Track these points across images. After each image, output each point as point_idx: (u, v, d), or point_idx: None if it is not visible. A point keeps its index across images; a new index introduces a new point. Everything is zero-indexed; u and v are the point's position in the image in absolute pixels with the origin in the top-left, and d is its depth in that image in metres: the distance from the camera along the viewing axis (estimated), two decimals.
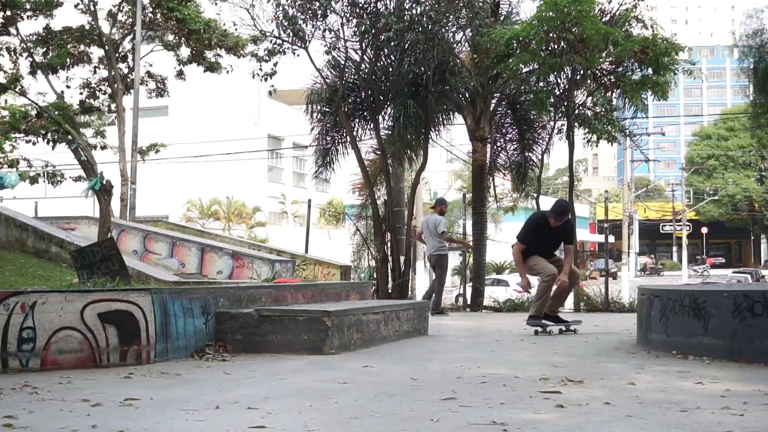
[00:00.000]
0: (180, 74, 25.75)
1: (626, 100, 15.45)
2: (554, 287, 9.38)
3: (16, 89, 24.97)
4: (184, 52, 25.32)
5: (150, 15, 24.27)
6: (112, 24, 25.16)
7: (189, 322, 6.89)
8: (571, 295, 16.76)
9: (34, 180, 27.37)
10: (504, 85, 16.43)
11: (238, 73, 24.50)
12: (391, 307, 8.73)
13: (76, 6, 24.74)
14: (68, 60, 24.60)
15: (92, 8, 24.68)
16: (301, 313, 7.28)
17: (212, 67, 25.13)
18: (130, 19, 25.08)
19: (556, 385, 5.27)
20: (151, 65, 26.21)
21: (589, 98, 16.07)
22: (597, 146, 17.06)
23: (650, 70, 14.73)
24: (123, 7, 24.93)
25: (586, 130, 16.28)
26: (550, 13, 13.78)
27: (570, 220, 9.61)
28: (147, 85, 26.31)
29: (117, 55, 25.09)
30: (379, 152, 15.53)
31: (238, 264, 15.14)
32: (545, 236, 9.34)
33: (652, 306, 7.29)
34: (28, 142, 25.74)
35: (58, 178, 27.54)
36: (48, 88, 25.66)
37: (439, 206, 14.06)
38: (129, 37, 25.44)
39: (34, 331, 5.95)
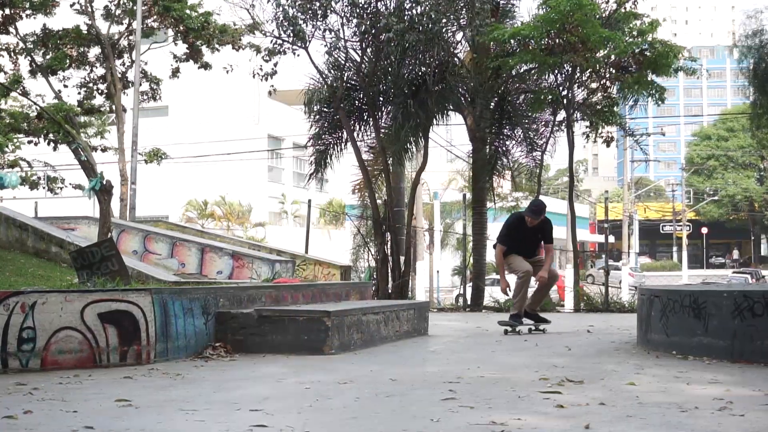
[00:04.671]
0: (176, 73, 25.54)
1: (626, 93, 15.44)
2: (530, 285, 9.52)
3: (18, 90, 24.93)
4: (181, 48, 25.20)
5: (145, 12, 24.22)
6: (110, 23, 25.09)
7: (189, 322, 6.89)
8: (571, 295, 16.82)
9: (33, 186, 27.31)
10: (504, 85, 16.43)
11: (238, 73, 24.47)
12: (391, 308, 8.73)
13: (72, 6, 24.69)
14: (67, 62, 24.54)
15: (89, 8, 24.63)
16: (301, 314, 7.27)
17: (206, 65, 25.00)
18: (127, 18, 25.02)
19: (556, 385, 5.27)
20: (145, 63, 26.03)
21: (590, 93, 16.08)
22: (602, 142, 17.07)
23: (649, 72, 14.77)
24: (120, 2, 24.80)
25: (587, 124, 16.28)
26: (552, 15, 13.80)
27: (547, 219, 9.59)
28: (140, 85, 26.20)
29: (114, 52, 24.98)
30: (378, 152, 15.54)
31: (238, 264, 15.14)
32: (523, 236, 9.42)
33: (652, 306, 7.28)
34: (29, 142, 25.72)
35: (59, 185, 27.44)
36: (47, 89, 25.62)
37: None
38: (125, 34, 25.36)
39: (34, 331, 5.95)
